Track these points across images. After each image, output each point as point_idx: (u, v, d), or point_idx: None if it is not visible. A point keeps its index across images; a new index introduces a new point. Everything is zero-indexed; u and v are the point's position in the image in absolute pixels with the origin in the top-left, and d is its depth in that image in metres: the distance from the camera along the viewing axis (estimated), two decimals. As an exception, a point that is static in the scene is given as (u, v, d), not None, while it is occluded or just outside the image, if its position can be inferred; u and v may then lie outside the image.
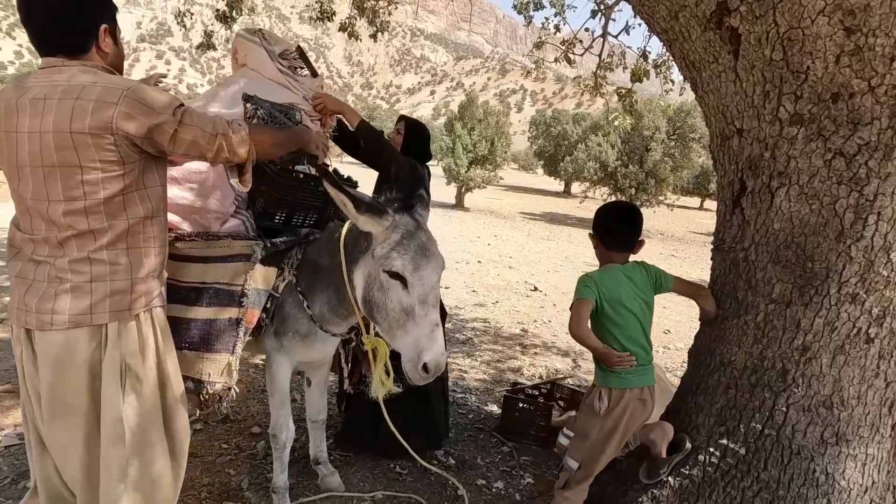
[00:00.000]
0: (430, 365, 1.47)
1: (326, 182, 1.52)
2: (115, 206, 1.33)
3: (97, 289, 1.34)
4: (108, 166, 1.30)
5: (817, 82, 1.70)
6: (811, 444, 1.76)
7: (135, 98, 1.29)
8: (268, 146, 1.53)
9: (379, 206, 1.57)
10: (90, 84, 1.28)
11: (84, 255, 1.32)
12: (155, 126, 1.31)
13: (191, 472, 2.38)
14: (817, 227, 1.73)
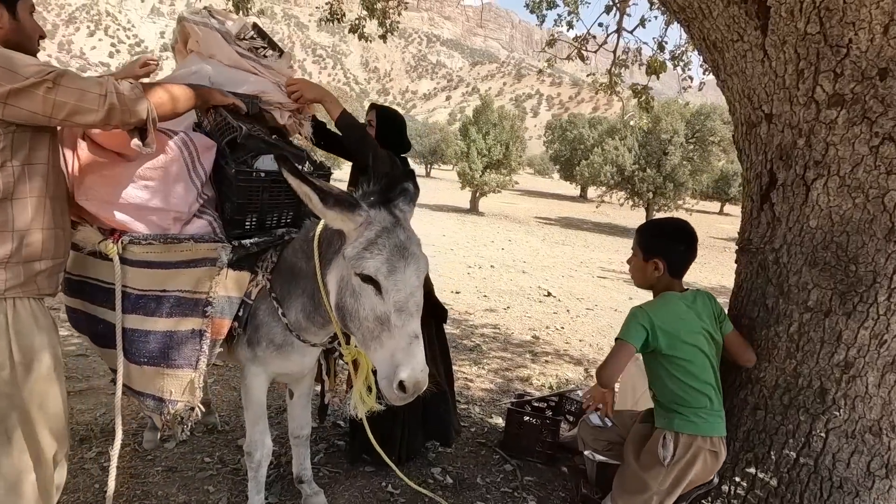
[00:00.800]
0: (408, 383, 1.27)
1: (286, 171, 1.33)
2: None
3: None
4: None
5: (861, 57, 1.47)
6: (856, 476, 1.52)
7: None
8: (168, 102, 1.45)
9: (350, 199, 1.37)
10: None
11: None
12: (17, 90, 1.21)
13: (167, 488, 2.23)
14: (862, 224, 1.50)
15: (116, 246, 1.50)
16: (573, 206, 35.75)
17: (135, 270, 1.54)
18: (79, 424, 2.66)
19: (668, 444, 1.62)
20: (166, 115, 1.47)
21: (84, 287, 1.68)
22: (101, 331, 1.65)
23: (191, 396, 1.55)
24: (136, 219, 1.52)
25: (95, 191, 1.49)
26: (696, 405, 1.63)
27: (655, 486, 1.63)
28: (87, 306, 1.70)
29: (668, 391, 1.67)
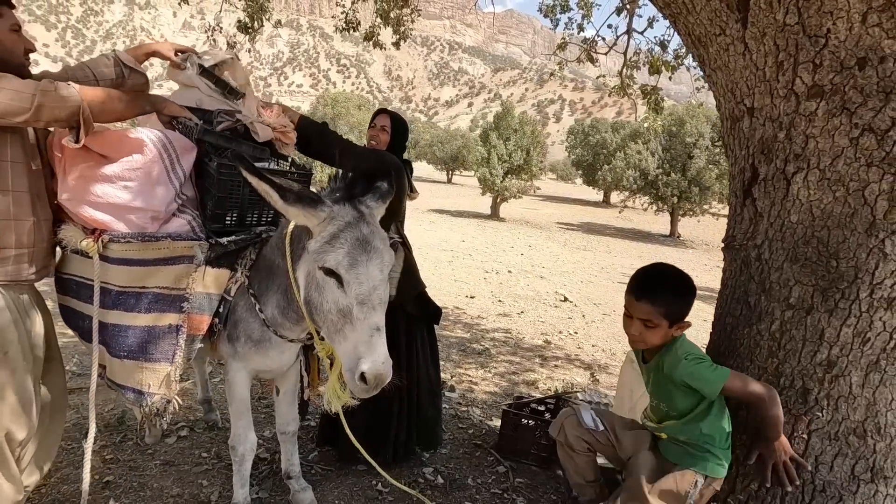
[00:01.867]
0: (369, 375, 1.28)
1: (242, 169, 1.36)
2: None
3: None
4: None
5: (840, 47, 1.43)
6: (839, 479, 1.46)
7: None
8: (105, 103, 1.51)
9: (311, 195, 1.40)
10: None
11: None
12: None
13: (162, 481, 2.29)
14: (843, 218, 1.45)
15: (97, 244, 1.57)
16: (596, 211, 35.27)
17: (115, 268, 1.61)
18: (84, 419, 2.76)
19: (697, 488, 1.58)
20: (106, 114, 1.54)
21: (71, 285, 1.76)
22: (86, 326, 1.72)
23: (167, 389, 1.60)
24: (116, 218, 1.58)
25: (77, 190, 1.57)
26: (726, 448, 1.59)
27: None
28: (74, 303, 1.78)
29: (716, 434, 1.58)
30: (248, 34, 6.23)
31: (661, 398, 1.69)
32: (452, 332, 5.96)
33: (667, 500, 1.59)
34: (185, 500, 2.16)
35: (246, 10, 6.51)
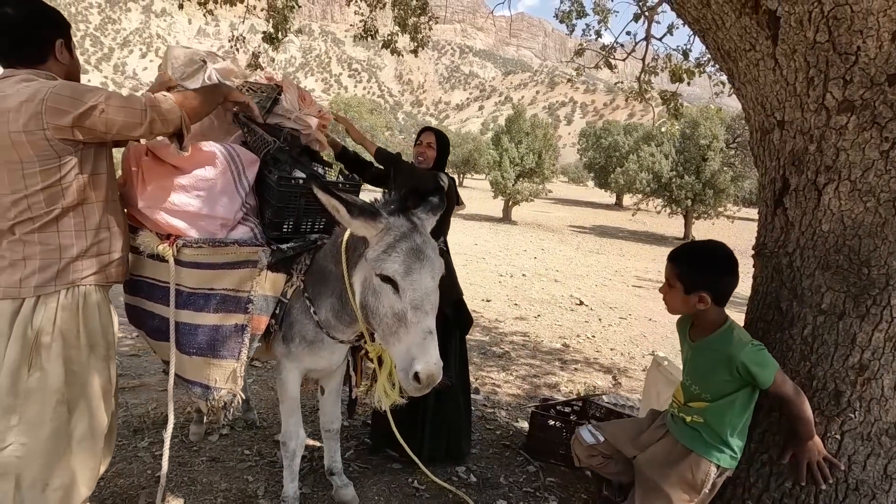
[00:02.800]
0: (422, 375, 1.38)
1: (316, 187, 1.48)
2: (53, 195, 1.48)
3: (28, 265, 1.49)
4: (45, 161, 1.44)
5: (870, 64, 1.50)
6: (872, 478, 1.52)
7: (59, 94, 1.43)
8: (196, 106, 1.67)
9: (372, 208, 1.51)
10: (25, 88, 1.42)
11: (19, 236, 1.49)
12: (81, 114, 1.43)
13: (210, 476, 2.41)
14: (874, 227, 1.52)
15: (172, 249, 1.70)
16: (608, 214, 35.10)
17: (187, 271, 1.73)
18: (133, 417, 2.89)
19: (710, 478, 1.64)
20: (198, 116, 1.69)
21: (142, 286, 1.89)
22: (156, 325, 1.85)
23: (233, 385, 1.71)
24: (189, 224, 1.71)
25: (155, 199, 1.70)
26: (741, 442, 1.66)
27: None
28: (145, 303, 1.90)
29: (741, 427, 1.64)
30: (273, 44, 6.39)
31: (696, 379, 1.73)
32: (471, 335, 6.04)
33: (683, 489, 1.66)
34: (233, 495, 2.28)
35: (269, 19, 6.68)
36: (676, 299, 1.70)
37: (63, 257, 1.53)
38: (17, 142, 1.41)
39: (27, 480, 1.51)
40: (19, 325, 1.50)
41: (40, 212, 1.48)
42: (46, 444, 1.52)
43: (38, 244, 1.50)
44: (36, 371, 1.51)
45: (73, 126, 1.44)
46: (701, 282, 1.65)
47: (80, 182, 1.52)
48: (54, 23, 1.58)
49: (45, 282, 1.51)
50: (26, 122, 1.40)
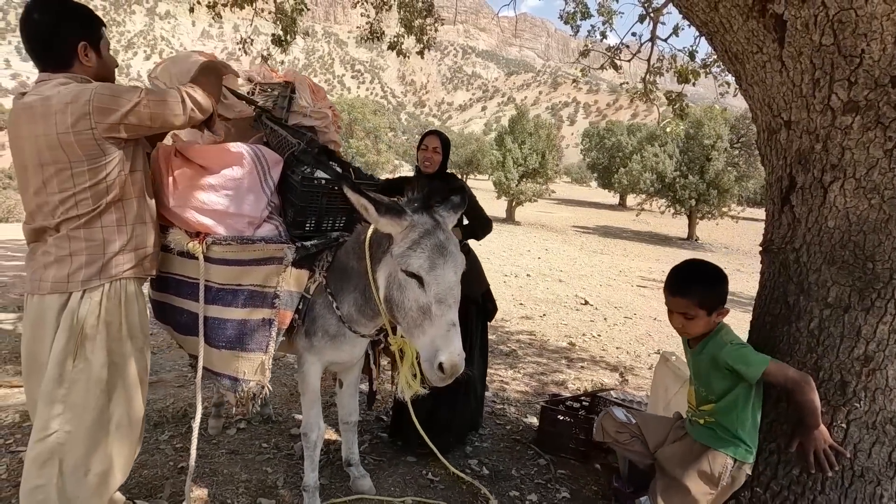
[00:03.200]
0: (446, 365, 1.45)
1: (346, 187, 1.55)
2: (99, 192, 1.57)
3: (75, 260, 1.58)
4: (92, 160, 1.53)
5: (874, 66, 1.56)
6: (877, 466, 1.57)
7: (102, 94, 1.51)
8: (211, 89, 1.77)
9: (398, 207, 1.59)
10: (66, 91, 1.50)
11: (65, 233, 1.57)
12: (128, 111, 1.53)
13: (231, 467, 2.48)
14: (878, 223, 1.57)
15: (201, 246, 1.77)
16: (612, 214, 35.09)
17: (215, 267, 1.80)
18: (153, 411, 2.96)
19: (727, 470, 1.71)
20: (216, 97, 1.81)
21: (171, 283, 1.96)
22: (184, 320, 1.92)
23: (261, 376, 1.78)
24: (218, 222, 1.78)
25: (185, 198, 1.77)
26: (754, 436, 1.73)
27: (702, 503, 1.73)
28: (173, 299, 1.97)
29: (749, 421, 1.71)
30: (281, 47, 6.47)
31: (700, 382, 1.82)
32: (479, 333, 6.09)
33: (701, 482, 1.74)
34: (254, 485, 2.34)
35: (277, 22, 6.75)
36: (700, 325, 1.79)
37: (106, 252, 1.62)
38: (66, 143, 1.49)
39: (70, 466, 1.59)
40: (66, 318, 1.58)
41: (86, 209, 1.57)
42: (88, 432, 1.60)
43: (83, 240, 1.59)
44: (80, 362, 1.59)
45: (120, 122, 1.53)
46: (718, 298, 1.77)
47: (121, 178, 1.61)
48: (77, 26, 1.60)
49: (90, 276, 1.60)
50: (74, 122, 1.48)
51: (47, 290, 1.58)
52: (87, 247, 1.59)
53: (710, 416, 1.80)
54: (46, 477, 1.57)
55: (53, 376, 1.57)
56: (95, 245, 1.60)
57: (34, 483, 1.58)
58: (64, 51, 1.59)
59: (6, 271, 7.02)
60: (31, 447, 1.61)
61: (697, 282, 1.80)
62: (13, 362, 3.57)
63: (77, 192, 1.54)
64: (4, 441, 2.54)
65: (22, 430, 2.66)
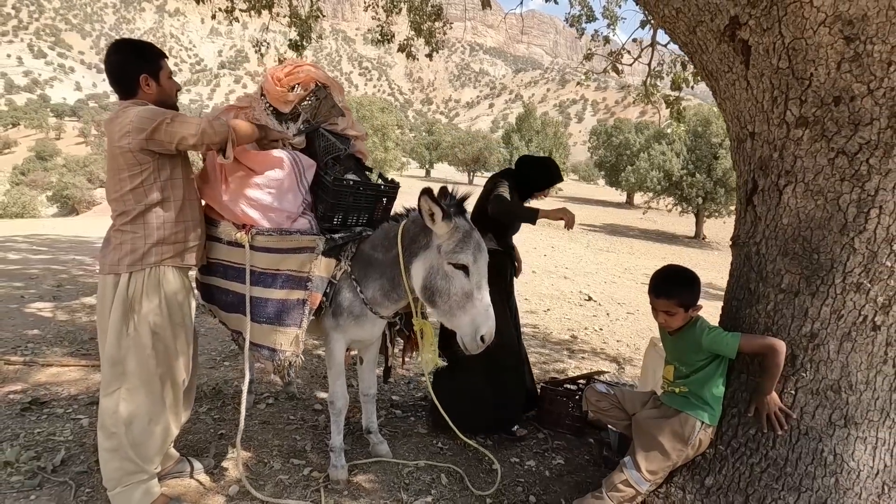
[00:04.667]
0: (486, 336, 1.86)
1: (426, 197, 1.89)
2: (138, 195, 1.92)
3: (123, 249, 1.95)
4: (132, 167, 1.89)
5: (820, 87, 1.83)
6: (819, 425, 1.86)
7: (142, 116, 1.87)
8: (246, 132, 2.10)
9: (448, 212, 1.95)
10: (123, 113, 1.89)
11: (118, 226, 1.95)
12: (153, 129, 1.87)
13: (264, 435, 2.80)
14: (822, 221, 1.85)
15: (248, 236, 2.10)
16: (619, 212, 35.16)
17: (259, 254, 2.13)
18: (192, 387, 3.30)
19: (696, 431, 2.02)
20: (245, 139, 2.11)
21: (218, 268, 2.29)
22: (229, 300, 2.26)
23: (296, 347, 2.10)
24: (262, 215, 2.11)
25: (237, 194, 2.10)
26: (718, 403, 2.04)
27: (674, 458, 2.04)
28: (220, 282, 2.30)
29: (716, 390, 2.03)
30: (298, 51, 6.78)
31: (680, 361, 2.14)
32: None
33: (674, 440, 2.04)
34: (285, 449, 2.67)
35: (292, 26, 7.05)
36: (679, 319, 2.12)
37: (147, 243, 1.97)
38: (115, 154, 1.90)
39: (134, 415, 1.96)
40: (119, 295, 1.95)
41: (131, 208, 1.93)
42: (145, 389, 1.97)
43: (130, 233, 1.95)
44: (132, 331, 1.96)
45: (147, 139, 1.89)
46: (694, 298, 2.11)
47: (158, 185, 1.96)
48: (139, 60, 1.98)
49: (134, 262, 1.96)
50: (120, 138, 1.87)
51: (105, 272, 1.96)
52: (131, 238, 1.95)
53: (685, 387, 2.10)
54: (115, 425, 1.94)
55: (113, 342, 1.94)
56: (138, 237, 1.95)
57: (109, 430, 1.95)
58: (130, 82, 1.97)
59: (35, 265, 7.41)
60: (101, 401, 1.98)
61: (677, 285, 2.13)
62: (59, 344, 3.93)
63: (123, 193, 1.91)
64: (65, 411, 2.89)
65: (78, 401, 3.01)
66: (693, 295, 2.10)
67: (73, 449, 2.48)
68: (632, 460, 2.08)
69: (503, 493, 2.44)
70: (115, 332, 1.94)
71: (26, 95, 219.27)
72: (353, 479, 2.41)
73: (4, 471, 2.24)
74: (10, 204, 32.36)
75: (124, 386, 1.95)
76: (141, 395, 1.97)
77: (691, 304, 2.09)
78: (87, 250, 9.25)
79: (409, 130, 72.75)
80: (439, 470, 2.57)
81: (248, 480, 2.26)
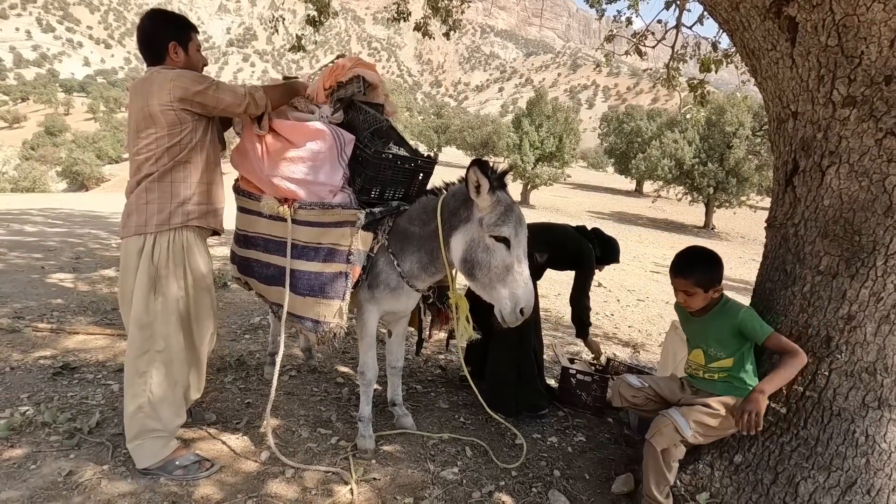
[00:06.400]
0: (526, 309, 1.87)
1: (477, 169, 1.89)
2: (171, 152, 1.96)
3: (149, 209, 1.97)
4: (172, 125, 1.93)
5: (871, 66, 1.80)
6: (852, 406, 1.87)
7: (184, 76, 1.94)
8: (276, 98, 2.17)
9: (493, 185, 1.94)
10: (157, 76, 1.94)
11: (144, 186, 1.98)
12: (198, 91, 1.94)
13: (289, 405, 2.85)
14: (866, 202, 1.83)
15: (290, 210, 2.10)
16: (628, 200, 34.92)
17: (301, 228, 2.14)
18: (216, 358, 3.35)
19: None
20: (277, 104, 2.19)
21: (258, 242, 2.30)
22: (270, 273, 2.28)
23: (339, 319, 2.12)
24: (304, 190, 2.11)
25: (278, 168, 2.10)
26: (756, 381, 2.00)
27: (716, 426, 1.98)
28: (261, 255, 2.32)
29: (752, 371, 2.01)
30: (315, 27, 6.71)
31: (713, 344, 2.10)
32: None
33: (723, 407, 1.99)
34: (311, 419, 2.71)
35: (308, 3, 6.95)
36: (699, 300, 2.11)
37: (173, 203, 2.00)
38: (155, 114, 1.92)
39: (161, 376, 2.03)
40: (144, 260, 1.98)
41: (161, 166, 1.96)
42: (171, 352, 2.03)
43: (156, 192, 1.99)
44: (159, 296, 2.00)
45: (192, 99, 1.93)
46: (715, 278, 2.09)
47: (191, 145, 2.00)
48: (170, 29, 2.03)
49: (161, 222, 1.99)
50: (161, 97, 1.89)
51: (131, 233, 1.98)
52: (158, 197, 1.98)
53: (723, 372, 2.08)
54: (144, 385, 2.01)
55: (141, 307, 1.99)
56: (165, 196, 1.98)
57: (135, 390, 2.02)
58: (159, 48, 2.02)
59: (52, 237, 7.48)
60: (128, 363, 2.04)
61: (696, 265, 2.12)
62: (83, 314, 3.99)
63: (158, 150, 1.94)
64: (95, 376, 2.94)
65: (107, 367, 3.06)
66: (712, 276, 2.08)
67: (107, 413, 2.53)
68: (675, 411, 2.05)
69: (527, 466, 2.47)
70: (142, 297, 1.98)
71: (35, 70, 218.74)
72: (379, 449, 2.45)
73: (43, 431, 2.30)
74: (21, 178, 32.58)
75: (153, 348, 2.01)
76: (168, 358, 2.03)
77: (711, 286, 2.08)
78: (101, 225, 9.33)
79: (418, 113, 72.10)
80: (463, 443, 2.61)
81: (278, 447, 2.31)
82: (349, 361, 3.66)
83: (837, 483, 1.86)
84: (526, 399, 2.99)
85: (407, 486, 2.19)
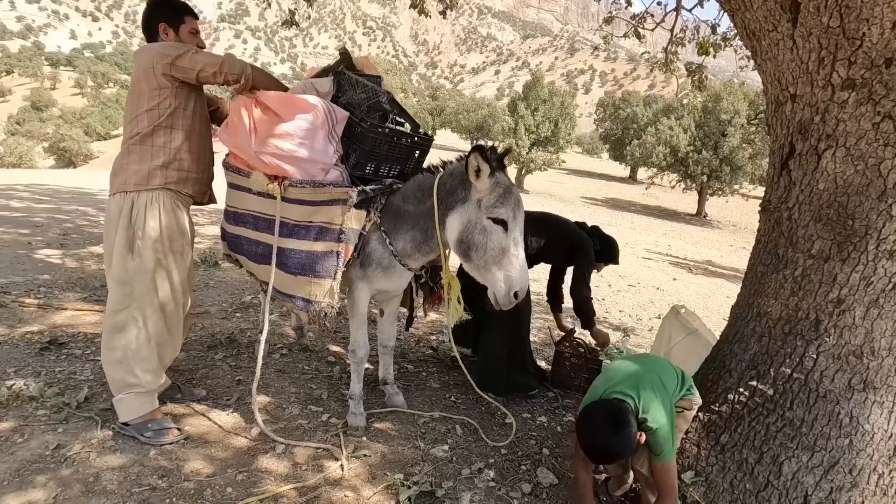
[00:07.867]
0: (520, 292, 1.87)
1: (477, 154, 1.86)
2: (151, 116, 2.05)
3: (130, 169, 2.06)
4: (152, 89, 2.03)
5: (872, 48, 1.78)
6: (838, 388, 1.89)
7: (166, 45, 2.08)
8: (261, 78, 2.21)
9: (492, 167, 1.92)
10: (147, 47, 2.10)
11: (127, 147, 2.08)
12: (178, 56, 2.03)
13: (280, 383, 2.84)
14: (860, 187, 1.83)
15: (280, 188, 2.06)
16: (622, 187, 34.95)
17: (292, 206, 2.10)
18: (206, 336, 3.33)
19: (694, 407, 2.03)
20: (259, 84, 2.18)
21: (248, 219, 2.26)
22: (260, 251, 2.25)
23: (331, 298, 2.10)
24: (294, 167, 2.07)
25: (267, 145, 2.05)
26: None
27: None
28: (250, 233, 2.29)
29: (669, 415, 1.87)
30: (309, 2, 6.55)
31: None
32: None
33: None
34: (303, 396, 2.71)
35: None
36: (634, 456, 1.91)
37: (153, 164, 2.07)
38: (139, 79, 2.05)
39: (137, 334, 2.07)
40: (123, 219, 2.05)
41: (143, 128, 2.05)
42: (149, 310, 2.08)
43: (137, 153, 2.07)
44: (137, 256, 2.06)
45: (171, 64, 2.01)
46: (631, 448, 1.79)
47: (171, 110, 2.07)
48: (161, 9, 2.17)
49: (140, 181, 2.05)
50: (146, 64, 2.03)
51: (114, 191, 2.08)
52: (139, 159, 2.06)
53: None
54: (121, 340, 2.06)
55: (119, 265, 2.06)
56: (144, 158, 2.06)
57: (112, 345, 2.08)
58: (150, 29, 2.18)
59: (39, 213, 7.35)
60: (107, 318, 2.09)
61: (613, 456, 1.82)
62: (71, 290, 3.93)
63: (139, 113, 2.05)
64: (83, 352, 2.92)
65: (95, 344, 3.03)
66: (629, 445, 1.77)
67: (96, 388, 2.51)
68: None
69: (517, 444, 2.50)
70: (121, 255, 2.05)
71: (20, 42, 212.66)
72: (370, 427, 2.46)
73: (30, 405, 2.28)
74: (7, 154, 31.90)
75: (132, 305, 2.07)
76: (146, 315, 2.09)
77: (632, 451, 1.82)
78: (90, 202, 9.17)
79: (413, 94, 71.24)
80: (454, 422, 2.63)
81: (268, 424, 2.31)
82: (340, 341, 3.65)
83: (821, 463, 1.89)
84: (516, 380, 3.01)
85: (397, 463, 2.21)
